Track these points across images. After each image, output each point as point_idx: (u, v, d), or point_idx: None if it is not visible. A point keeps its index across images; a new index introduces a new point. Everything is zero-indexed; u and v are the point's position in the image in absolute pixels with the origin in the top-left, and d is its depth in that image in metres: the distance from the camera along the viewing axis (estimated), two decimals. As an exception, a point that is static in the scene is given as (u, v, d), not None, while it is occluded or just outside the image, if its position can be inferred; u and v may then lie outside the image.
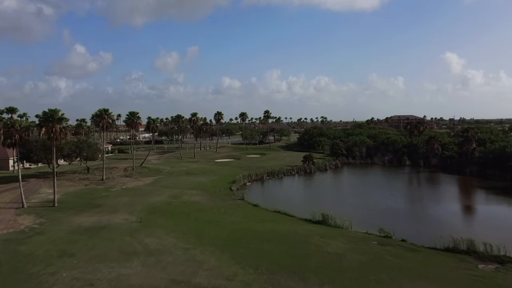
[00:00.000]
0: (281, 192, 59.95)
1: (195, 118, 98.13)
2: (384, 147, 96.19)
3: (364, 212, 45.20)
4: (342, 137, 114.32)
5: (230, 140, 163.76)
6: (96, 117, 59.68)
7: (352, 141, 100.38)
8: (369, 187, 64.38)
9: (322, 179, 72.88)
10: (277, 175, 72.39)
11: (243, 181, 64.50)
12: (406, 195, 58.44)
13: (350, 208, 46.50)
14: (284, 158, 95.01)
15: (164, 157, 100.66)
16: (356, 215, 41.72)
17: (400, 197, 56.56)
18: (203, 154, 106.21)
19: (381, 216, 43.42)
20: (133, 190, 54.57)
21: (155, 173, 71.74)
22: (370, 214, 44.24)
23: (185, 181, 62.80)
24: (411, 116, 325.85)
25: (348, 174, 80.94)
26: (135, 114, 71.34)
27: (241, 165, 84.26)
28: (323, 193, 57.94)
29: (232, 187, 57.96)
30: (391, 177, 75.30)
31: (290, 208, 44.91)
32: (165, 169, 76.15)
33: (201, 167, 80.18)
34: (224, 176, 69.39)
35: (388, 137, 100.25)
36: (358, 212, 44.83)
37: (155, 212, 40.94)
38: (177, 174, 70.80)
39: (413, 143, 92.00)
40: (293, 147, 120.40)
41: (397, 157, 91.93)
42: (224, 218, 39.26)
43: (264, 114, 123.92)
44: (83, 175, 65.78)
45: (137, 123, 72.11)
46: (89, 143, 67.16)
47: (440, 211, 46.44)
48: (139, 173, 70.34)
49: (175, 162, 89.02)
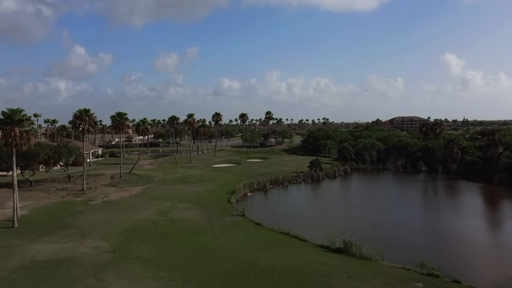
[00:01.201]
0: (287, 204, 52.30)
1: (191, 119, 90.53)
2: (396, 151, 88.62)
3: (390, 233, 37.59)
4: (349, 139, 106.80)
5: (229, 143, 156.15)
6: (75, 119, 52.02)
7: (361, 144, 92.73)
8: (388, 197, 56.71)
9: (332, 188, 65.27)
10: (281, 183, 64.72)
11: (243, 191, 56.88)
12: (435, 209, 50.70)
13: (372, 227, 38.89)
14: (288, 163, 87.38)
15: (158, 161, 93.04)
16: (381, 237, 34.20)
17: (428, 211, 48.92)
18: (200, 158, 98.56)
19: (411, 238, 35.87)
20: (115, 203, 46.88)
21: (145, 181, 64.08)
22: (397, 235, 36.65)
23: (178, 192, 55.16)
24: (414, 117, 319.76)
25: (360, 181, 73.29)
26: (122, 115, 63.73)
27: (241, 171, 76.68)
28: (336, 206, 50.30)
29: (231, 198, 50.33)
30: (409, 185, 67.63)
31: (299, 226, 37.55)
32: (157, 176, 68.51)
33: (197, 174, 72.55)
34: (222, 184, 61.77)
35: (400, 140, 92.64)
36: (382, 232, 37.28)
37: (136, 235, 33.27)
38: (170, 182, 63.16)
39: (429, 146, 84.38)
40: (296, 150, 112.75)
41: (411, 162, 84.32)
42: (221, 243, 31.63)
43: (265, 115, 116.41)
44: (62, 184, 58.09)
45: (126, 125, 64.41)
46: (70, 148, 59.52)
47: (486, 233, 38.85)
48: (127, 181, 62.66)
49: (169, 168, 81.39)
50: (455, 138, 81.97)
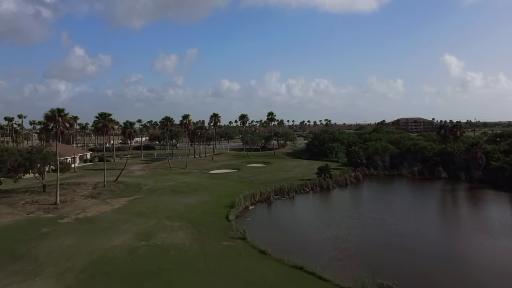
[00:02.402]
0: (296, 221, 44.43)
1: (187, 121, 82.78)
2: (411, 155, 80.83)
3: (428, 264, 29.82)
4: (358, 142, 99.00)
5: (229, 145, 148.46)
6: (46, 120, 44.34)
7: (372, 148, 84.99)
8: (413, 212, 48.77)
9: (345, 199, 57.48)
10: (287, 194, 56.99)
11: (244, 204, 49.14)
12: (474, 228, 42.95)
13: (405, 259, 31.20)
14: (292, 169, 79.64)
15: (151, 166, 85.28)
16: (420, 273, 26.54)
17: (467, 232, 41.12)
18: (197, 163, 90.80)
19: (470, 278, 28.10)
20: (91, 221, 39.09)
21: (132, 191, 56.35)
22: (439, 270, 28.88)
23: (168, 205, 47.42)
24: (419, 118, 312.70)
25: (375, 190, 65.54)
26: (106, 116, 56.04)
27: (241, 178, 68.97)
28: (354, 225, 42.51)
29: (230, 214, 42.56)
30: (432, 196, 59.78)
31: (313, 254, 30.09)
32: (147, 185, 60.79)
33: (192, 182, 64.80)
34: (220, 195, 54.04)
35: (415, 143, 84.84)
36: (418, 263, 29.57)
37: (104, 271, 25.52)
38: (160, 193, 55.42)
39: (448, 150, 76.60)
40: (301, 154, 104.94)
41: (428, 167, 76.60)
42: (217, 284, 23.93)
43: (267, 116, 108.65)
44: (35, 196, 50.36)
45: (111, 128, 56.67)
46: (45, 154, 51.76)
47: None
48: (111, 191, 54.92)
49: (162, 174, 73.68)
50: (478, 142, 74.20)
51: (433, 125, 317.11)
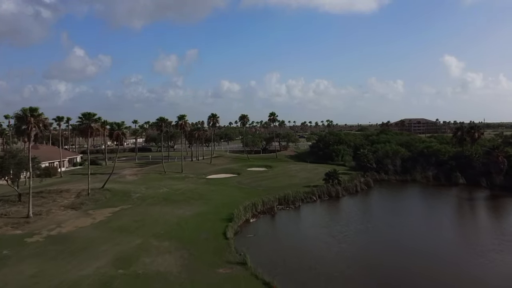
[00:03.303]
0: (303, 236, 38.54)
1: (182, 122, 76.87)
2: (424, 159, 74.99)
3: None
4: (365, 145, 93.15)
5: (229, 147, 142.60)
6: (17, 121, 38.56)
7: (382, 150, 79.11)
8: (437, 226, 42.82)
9: (357, 209, 51.54)
10: (292, 203, 51.16)
11: (244, 216, 43.27)
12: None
13: (434, 280, 25.39)
14: (297, 174, 73.76)
15: (144, 171, 79.43)
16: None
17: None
18: (194, 167, 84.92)
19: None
20: (64, 240, 33.23)
21: (119, 199, 50.54)
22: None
23: (158, 217, 41.56)
24: (422, 119, 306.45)
25: (388, 198, 59.75)
26: (90, 116, 50.21)
27: (241, 184, 63.11)
28: (370, 239, 36.71)
29: (228, 230, 36.66)
30: (453, 204, 54.03)
31: (326, 279, 24.13)
32: (137, 192, 54.96)
33: (187, 189, 58.97)
34: (217, 205, 48.20)
35: (428, 145, 78.94)
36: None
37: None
38: (151, 202, 49.57)
39: (465, 154, 70.71)
40: (304, 156, 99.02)
41: (443, 172, 70.76)
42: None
43: (269, 116, 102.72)
44: (8, 206, 44.51)
45: (95, 129, 50.82)
46: (20, 159, 45.95)
47: None
48: (95, 201, 49.07)
49: (155, 180, 67.84)
50: (500, 145, 68.34)
51: (437, 126, 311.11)
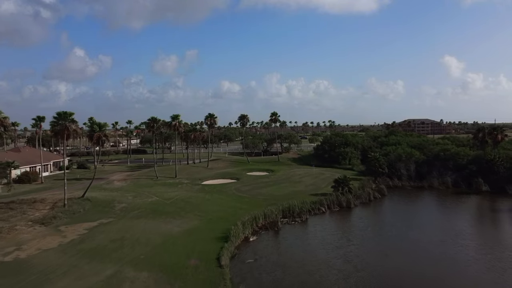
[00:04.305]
0: (314, 261, 31.93)
1: (176, 122, 70.29)
2: (441, 163, 68.47)
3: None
4: (374, 147, 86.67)
5: (228, 148, 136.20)
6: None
7: (394, 153, 72.54)
8: (475, 250, 36.33)
9: (372, 223, 44.73)
10: (298, 216, 44.62)
11: (242, 234, 36.73)
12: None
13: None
14: (301, 179, 67.22)
15: (135, 175, 72.93)
16: None
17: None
18: (190, 171, 78.35)
19: None
20: (17, 269, 26.74)
21: (100, 211, 44.06)
22: None
23: (140, 236, 35.06)
24: (426, 119, 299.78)
25: (407, 209, 53.02)
26: (67, 116, 43.70)
27: (240, 192, 56.60)
28: (395, 265, 30.18)
29: (223, 254, 30.13)
30: (484, 216, 47.43)
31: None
32: (122, 202, 48.49)
33: (179, 197, 52.50)
34: (211, 217, 41.77)
35: (445, 148, 72.30)
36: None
37: None
38: (136, 215, 43.08)
39: (487, 157, 64.14)
40: (308, 159, 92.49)
41: (462, 177, 64.26)
42: None
43: (270, 117, 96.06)
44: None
45: (72, 131, 44.29)
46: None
47: None
48: (72, 213, 42.56)
49: (145, 186, 61.36)
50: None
51: (441, 127, 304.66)
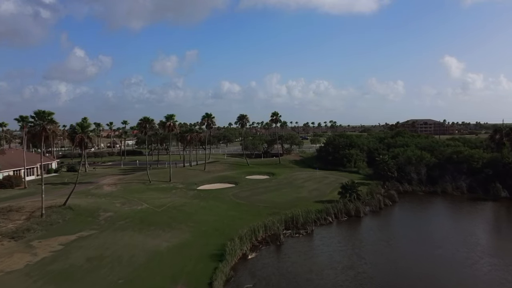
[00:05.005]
0: (323, 286, 27.33)
1: (171, 122, 65.72)
2: (454, 166, 63.81)
3: None
4: (380, 149, 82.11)
5: (227, 150, 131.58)
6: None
7: (404, 156, 67.92)
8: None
9: (386, 235, 39.95)
10: (302, 227, 40.02)
11: (240, 250, 32.12)
12: None
13: None
14: (304, 183, 62.63)
15: (127, 179, 68.31)
16: None
17: None
18: (185, 174, 73.70)
19: None
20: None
21: (81, 221, 39.51)
22: None
23: (122, 253, 30.50)
24: (429, 120, 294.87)
25: (422, 217, 48.28)
26: (45, 116, 39.16)
27: (238, 198, 52.02)
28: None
29: (216, 279, 25.57)
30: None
31: None
32: (108, 210, 43.94)
33: (172, 205, 47.93)
34: (205, 229, 37.25)
35: (458, 150, 67.62)
36: None
37: None
38: (122, 226, 38.52)
39: (505, 160, 59.53)
40: (311, 162, 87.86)
41: (478, 182, 59.70)
42: None
43: (271, 117, 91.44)
44: None
45: (51, 133, 39.74)
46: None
47: None
48: (49, 224, 38.02)
49: (136, 191, 56.78)
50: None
51: (444, 127, 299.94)
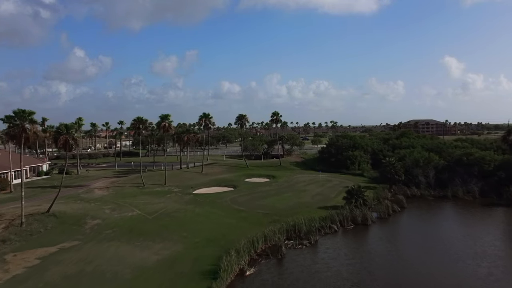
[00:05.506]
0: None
1: (166, 122, 62.44)
2: (464, 169, 60.51)
3: None
4: (385, 150, 78.86)
5: (226, 151, 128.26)
6: None
7: (411, 158, 64.61)
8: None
9: (398, 247, 36.65)
10: (305, 237, 36.70)
11: (237, 265, 28.81)
12: None
13: None
14: (306, 187, 59.35)
15: (120, 182, 65.04)
16: None
17: None
18: (181, 177, 70.40)
19: None
20: None
21: (65, 230, 36.30)
22: None
23: (105, 268, 27.23)
24: (431, 120, 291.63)
25: (437, 224, 44.85)
26: (25, 115, 35.90)
27: (236, 204, 48.70)
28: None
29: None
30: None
31: None
32: (96, 217, 40.70)
33: (165, 211, 44.66)
34: (200, 240, 33.98)
35: (468, 152, 64.25)
36: None
37: None
38: (109, 235, 35.28)
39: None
40: (312, 163, 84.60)
41: (490, 185, 56.47)
42: None
43: (271, 117, 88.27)
44: None
45: (32, 134, 36.48)
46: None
47: None
48: (29, 234, 34.81)
49: (129, 196, 53.53)
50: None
51: (446, 127, 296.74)
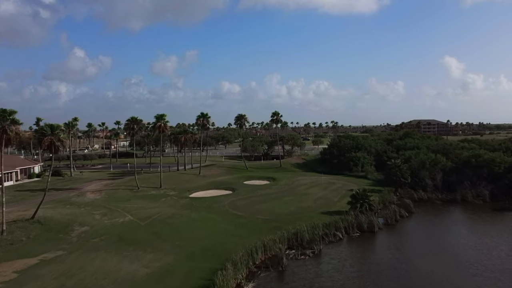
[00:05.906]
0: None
1: (162, 123, 59.78)
2: (472, 171, 57.97)
3: None
4: (389, 151, 76.25)
5: (225, 151, 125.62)
6: None
7: (417, 160, 61.96)
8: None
9: (406, 254, 33.90)
10: (308, 246, 34.05)
11: (233, 280, 26.19)
12: None
13: None
14: (308, 190, 56.69)
15: (114, 185, 62.40)
16: None
17: None
18: (178, 179, 67.72)
19: None
20: None
21: (50, 238, 33.71)
22: None
23: (89, 284, 24.66)
24: (432, 120, 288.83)
25: (449, 231, 42.07)
26: (6, 115, 33.30)
27: (235, 208, 46.05)
28: None
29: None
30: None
31: None
32: (85, 224, 38.12)
33: (159, 217, 42.05)
34: (194, 250, 31.35)
35: (476, 153, 61.58)
36: None
37: None
38: (96, 244, 32.67)
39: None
40: (314, 165, 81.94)
41: (500, 188, 53.92)
42: None
43: (271, 117, 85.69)
44: None
45: (13, 135, 33.86)
46: None
47: None
48: (8, 244, 32.20)
49: (121, 199, 50.95)
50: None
51: (448, 128, 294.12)
